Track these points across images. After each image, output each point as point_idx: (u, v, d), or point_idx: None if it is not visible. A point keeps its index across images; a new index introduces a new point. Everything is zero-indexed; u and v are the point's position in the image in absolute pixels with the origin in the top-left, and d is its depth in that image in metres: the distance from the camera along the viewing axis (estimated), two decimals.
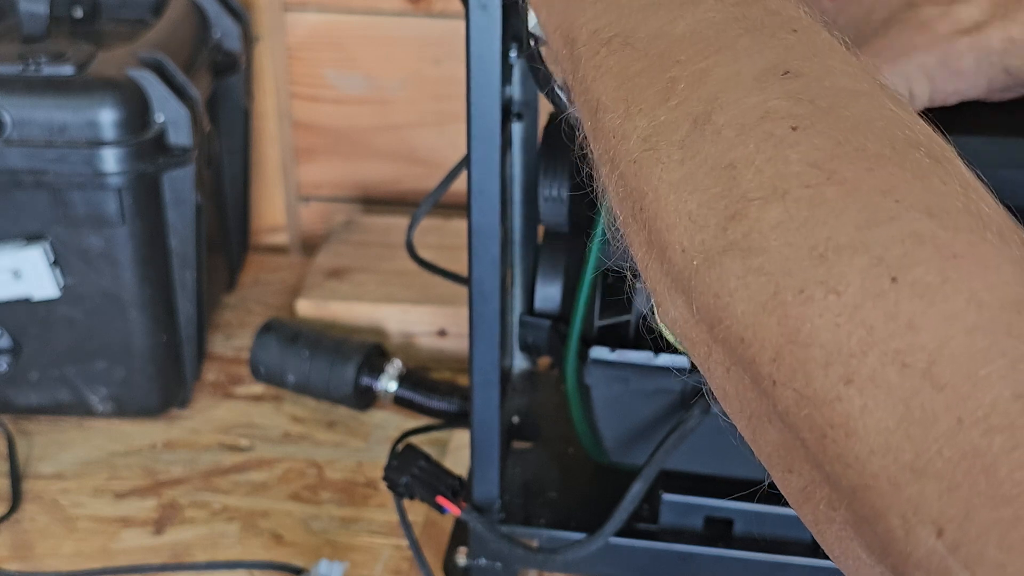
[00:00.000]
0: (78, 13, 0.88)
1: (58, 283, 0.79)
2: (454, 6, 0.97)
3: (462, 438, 0.82)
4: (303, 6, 1.00)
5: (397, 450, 0.69)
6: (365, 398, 0.87)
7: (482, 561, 0.70)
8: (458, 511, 0.66)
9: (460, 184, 0.63)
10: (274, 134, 1.05)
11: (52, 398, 0.84)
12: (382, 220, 1.06)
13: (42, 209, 0.77)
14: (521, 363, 0.80)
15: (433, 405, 0.85)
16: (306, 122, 1.05)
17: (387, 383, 0.86)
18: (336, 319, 0.95)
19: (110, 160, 0.75)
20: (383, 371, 0.86)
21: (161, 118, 0.77)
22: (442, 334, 0.94)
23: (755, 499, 0.42)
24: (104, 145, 0.75)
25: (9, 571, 0.74)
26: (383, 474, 0.68)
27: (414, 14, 1.00)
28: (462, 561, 0.71)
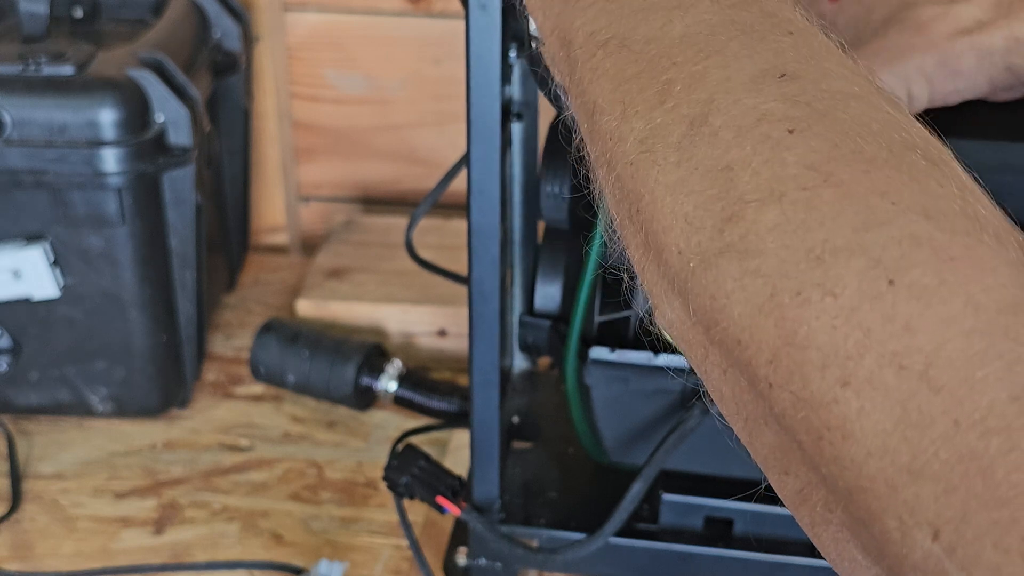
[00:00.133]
0: (78, 13, 0.88)
1: (58, 283, 0.79)
2: (454, 6, 0.97)
3: (462, 438, 0.82)
4: (303, 6, 1.00)
5: (397, 450, 0.69)
6: (365, 398, 0.87)
7: (482, 561, 0.70)
8: (458, 511, 0.66)
9: (460, 184, 0.63)
10: (274, 134, 1.05)
11: (52, 398, 0.84)
12: (382, 220, 1.06)
13: (42, 209, 0.77)
14: (521, 363, 0.80)
15: (433, 405, 0.85)
16: (306, 122, 1.05)
17: (387, 383, 0.86)
18: (336, 319, 0.95)
19: (110, 160, 0.75)
20: (383, 371, 0.86)
21: (161, 118, 0.77)
22: (442, 334, 0.94)
23: (755, 499, 0.42)
24: (104, 145, 0.75)
25: (9, 571, 0.74)
26: (383, 474, 0.68)
27: (414, 14, 1.00)
28: (462, 561, 0.71)
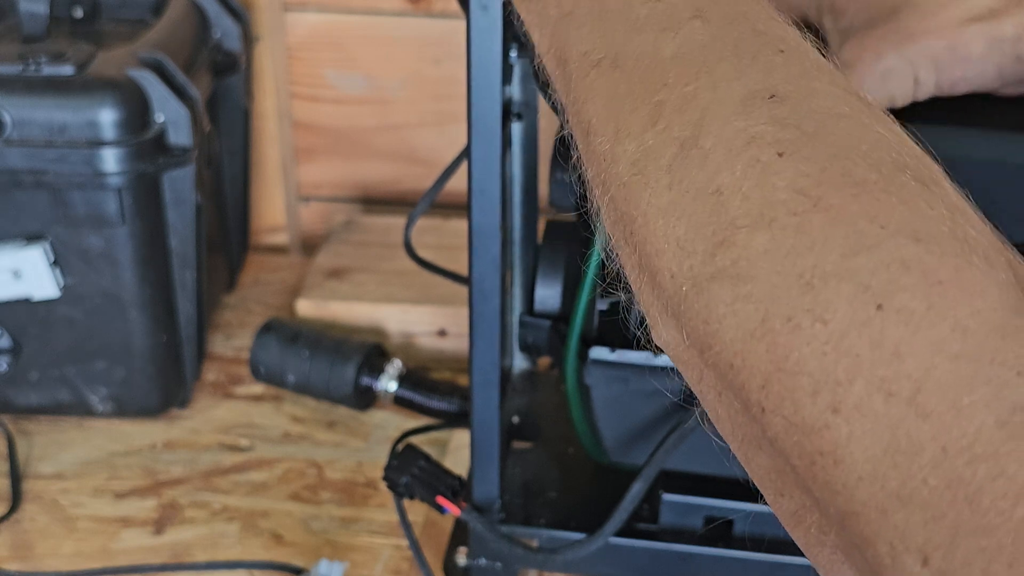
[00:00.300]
0: (78, 13, 0.88)
1: (58, 283, 0.79)
2: (454, 6, 0.97)
3: (462, 438, 0.82)
4: (303, 6, 1.00)
5: (397, 450, 0.69)
6: (365, 398, 0.87)
7: (482, 561, 0.70)
8: (458, 511, 0.66)
9: (460, 184, 0.63)
10: (274, 134, 1.05)
11: (52, 398, 0.84)
12: (382, 220, 1.06)
13: (42, 209, 0.77)
14: (521, 363, 0.80)
15: (433, 405, 0.85)
16: (306, 122, 1.05)
17: (387, 383, 0.86)
18: (336, 319, 0.95)
19: (110, 160, 0.75)
20: (383, 371, 0.86)
21: (161, 118, 0.77)
22: (442, 334, 0.94)
23: (755, 499, 0.42)
24: (104, 145, 0.75)
25: (9, 571, 0.74)
26: (383, 474, 0.68)
27: (414, 14, 1.00)
28: (462, 561, 0.71)
